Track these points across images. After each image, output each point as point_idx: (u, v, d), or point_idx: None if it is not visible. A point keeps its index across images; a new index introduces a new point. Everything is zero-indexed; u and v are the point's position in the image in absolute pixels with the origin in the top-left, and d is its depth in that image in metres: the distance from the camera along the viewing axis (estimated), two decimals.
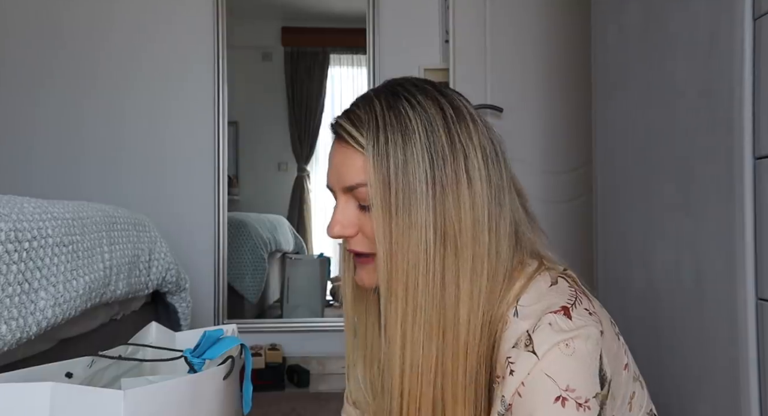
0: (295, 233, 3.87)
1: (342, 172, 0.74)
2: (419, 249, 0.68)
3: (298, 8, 4.31)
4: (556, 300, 0.67)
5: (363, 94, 0.77)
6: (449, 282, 0.68)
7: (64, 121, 2.73)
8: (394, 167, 0.69)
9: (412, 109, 0.71)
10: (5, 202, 1.07)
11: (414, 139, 0.69)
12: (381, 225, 0.69)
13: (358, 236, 0.75)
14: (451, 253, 0.68)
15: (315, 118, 4.88)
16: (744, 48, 0.95)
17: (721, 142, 1.00)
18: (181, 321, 1.80)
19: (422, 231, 0.68)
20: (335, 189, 0.76)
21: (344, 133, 0.73)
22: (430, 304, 0.68)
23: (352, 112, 0.75)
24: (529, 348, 0.64)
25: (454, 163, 0.69)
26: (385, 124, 0.70)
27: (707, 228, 1.05)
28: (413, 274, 0.68)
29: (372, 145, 0.70)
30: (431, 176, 0.68)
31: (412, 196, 0.68)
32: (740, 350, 0.95)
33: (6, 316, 0.96)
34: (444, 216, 0.68)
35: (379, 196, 0.69)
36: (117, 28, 2.76)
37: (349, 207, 0.75)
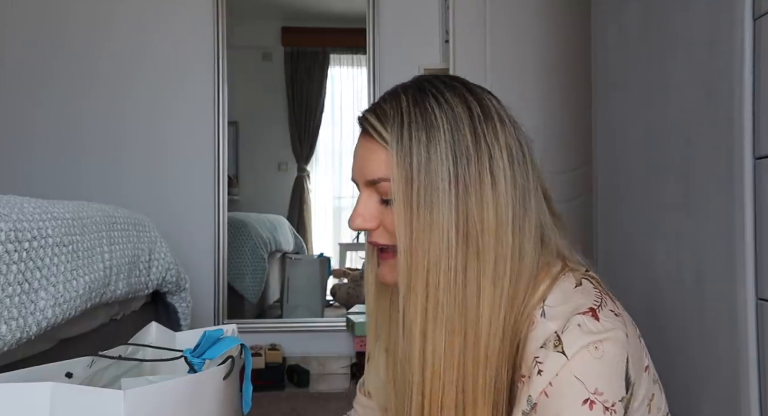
0: (295, 233, 3.87)
1: (365, 165, 0.74)
2: (441, 247, 0.68)
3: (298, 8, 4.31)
4: (583, 302, 0.67)
5: (391, 89, 0.77)
6: (471, 281, 0.68)
7: (64, 121, 2.73)
8: (417, 164, 0.69)
9: (438, 106, 0.71)
10: (5, 202, 1.07)
11: (438, 136, 0.69)
12: (402, 221, 0.69)
13: (379, 229, 0.75)
14: (473, 253, 0.68)
15: (315, 118, 4.88)
16: (744, 48, 0.95)
17: (721, 142, 1.00)
18: (181, 321, 1.80)
19: (443, 229, 0.68)
20: (358, 182, 0.77)
21: (369, 126, 0.73)
22: (452, 303, 0.68)
23: (379, 107, 0.74)
24: (558, 349, 0.64)
25: (478, 163, 0.69)
26: (410, 120, 0.70)
27: (707, 228, 1.05)
28: (434, 272, 0.68)
29: (396, 141, 0.70)
30: (454, 175, 0.68)
31: (434, 193, 0.68)
32: (740, 350, 0.95)
33: (6, 316, 0.96)
34: (467, 215, 0.68)
35: (401, 192, 0.69)
36: (117, 28, 2.76)
37: (372, 200, 0.75)
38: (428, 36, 2.81)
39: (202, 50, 2.79)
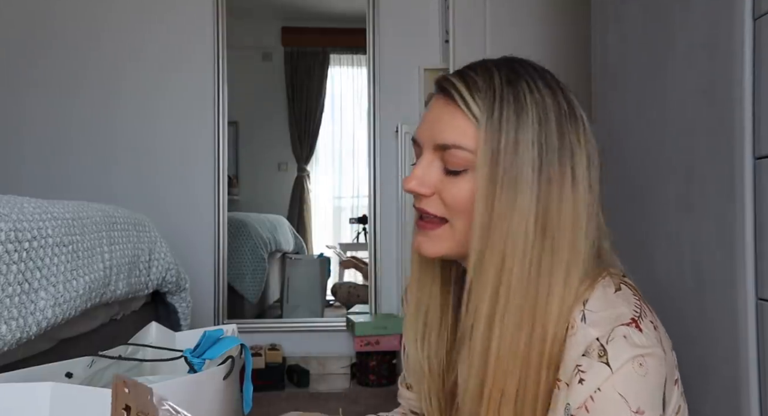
0: (295, 233, 3.87)
1: (440, 128, 0.71)
2: (518, 232, 0.66)
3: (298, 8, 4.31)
4: (625, 311, 0.65)
5: (481, 61, 0.74)
6: (544, 276, 0.66)
7: (63, 121, 2.73)
8: (505, 144, 0.67)
9: (530, 93, 0.69)
10: (5, 202, 1.07)
11: (527, 122, 0.67)
12: (483, 196, 0.67)
13: (433, 197, 0.72)
14: (548, 246, 0.67)
15: (315, 118, 4.88)
16: (744, 48, 0.95)
17: (721, 142, 1.00)
18: (181, 321, 1.80)
19: (523, 216, 0.66)
20: (424, 143, 0.73)
21: (454, 91, 0.70)
22: (523, 292, 0.66)
23: (468, 75, 0.71)
24: (603, 360, 0.62)
25: (561, 159, 0.68)
26: (503, 98, 0.68)
27: (707, 228, 1.05)
28: (510, 257, 0.66)
29: (486, 115, 0.67)
30: (538, 165, 0.67)
31: (518, 177, 0.66)
32: (740, 350, 0.95)
33: (6, 316, 0.96)
34: (547, 208, 0.66)
35: (487, 168, 0.67)
36: (117, 28, 2.76)
37: (433, 166, 0.72)
38: (428, 36, 2.81)
39: (202, 50, 2.79)
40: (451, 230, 0.71)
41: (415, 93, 2.83)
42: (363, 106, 3.44)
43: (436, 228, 0.72)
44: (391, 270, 2.83)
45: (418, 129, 0.74)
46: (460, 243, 0.71)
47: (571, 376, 0.64)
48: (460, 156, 0.69)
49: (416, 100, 2.83)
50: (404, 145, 2.77)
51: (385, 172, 2.85)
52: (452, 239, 0.71)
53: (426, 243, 0.73)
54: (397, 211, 2.83)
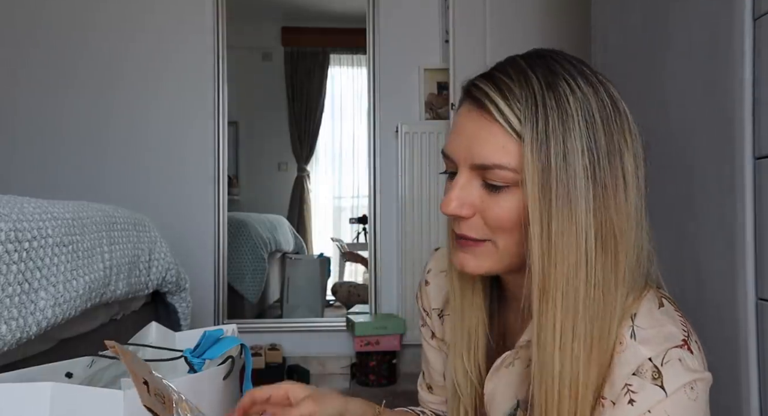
0: (295, 233, 3.87)
1: (478, 146, 0.64)
2: (580, 251, 0.62)
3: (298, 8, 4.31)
4: (674, 330, 0.63)
5: (511, 60, 0.68)
6: (609, 292, 0.62)
7: (61, 121, 2.73)
8: (555, 157, 0.61)
9: (572, 94, 0.63)
10: (5, 202, 1.07)
11: (574, 128, 0.62)
12: (538, 220, 0.62)
13: (474, 219, 0.67)
14: (610, 262, 0.62)
15: (315, 118, 4.88)
16: (744, 48, 0.95)
17: (721, 142, 1.00)
18: (181, 321, 1.80)
19: (582, 232, 0.61)
20: (459, 161, 0.67)
21: (490, 103, 0.64)
22: (592, 316, 0.62)
23: (502, 82, 0.65)
24: (658, 382, 0.60)
25: (612, 163, 0.63)
26: (545, 106, 0.62)
27: (707, 228, 1.05)
28: (573, 280, 0.62)
29: (531, 129, 0.62)
30: (591, 174, 0.62)
31: (572, 192, 0.61)
32: (740, 350, 0.95)
33: (6, 316, 0.96)
34: (605, 219, 0.62)
35: (537, 188, 0.61)
36: (117, 28, 2.76)
37: (473, 185, 0.66)
38: (428, 36, 2.81)
39: (202, 50, 2.79)
40: (494, 248, 0.67)
41: (415, 93, 2.83)
42: (363, 106, 3.43)
43: (479, 246, 0.68)
44: (391, 270, 2.83)
45: (451, 143, 0.68)
46: (503, 259, 0.68)
47: (619, 395, 0.61)
48: (502, 175, 0.64)
49: (416, 100, 2.83)
50: (404, 145, 2.77)
51: (385, 172, 2.85)
52: (496, 256, 0.67)
53: (470, 261, 0.68)
54: (397, 211, 2.83)
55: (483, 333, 0.77)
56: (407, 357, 2.72)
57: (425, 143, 2.73)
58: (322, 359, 2.78)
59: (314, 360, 2.77)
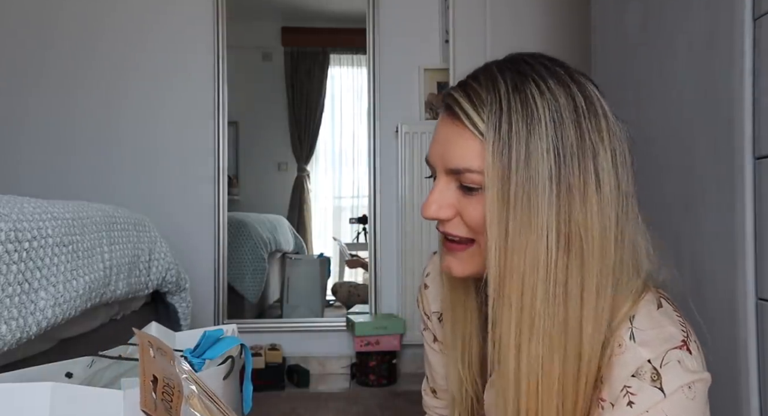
0: (295, 233, 3.87)
1: (449, 151, 0.67)
2: (538, 252, 0.62)
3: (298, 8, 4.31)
4: (673, 330, 0.63)
5: (484, 66, 0.69)
6: (572, 293, 0.62)
7: (62, 121, 2.73)
8: (516, 160, 0.62)
9: (540, 96, 0.64)
10: (5, 202, 1.07)
11: (540, 130, 0.62)
12: (495, 219, 0.63)
13: (455, 220, 0.68)
14: (575, 262, 0.62)
15: (315, 118, 4.88)
16: (744, 48, 0.95)
17: (721, 142, 1.00)
18: (181, 321, 1.80)
19: (543, 233, 0.62)
20: (436, 166, 0.69)
21: (459, 110, 0.66)
22: (551, 315, 0.62)
23: (471, 88, 0.67)
24: (657, 384, 0.60)
25: (582, 162, 0.63)
26: (510, 109, 0.63)
27: (707, 228, 1.05)
28: (531, 279, 0.62)
29: (493, 132, 0.63)
30: (556, 173, 0.62)
31: (533, 193, 0.62)
32: (740, 350, 0.95)
33: (6, 316, 0.96)
34: (569, 219, 0.62)
35: (496, 189, 0.63)
36: (116, 28, 2.76)
37: (450, 188, 0.68)
38: (428, 36, 2.81)
39: (202, 50, 2.79)
40: (478, 249, 0.68)
41: (415, 93, 2.83)
42: (363, 106, 3.44)
43: (465, 249, 0.69)
44: (392, 270, 2.83)
45: (430, 150, 0.71)
46: (484, 262, 0.67)
47: (618, 397, 0.61)
48: (472, 178, 0.65)
49: (416, 100, 2.83)
50: (404, 145, 2.77)
51: (385, 172, 2.85)
52: (479, 257, 0.68)
53: (455, 263, 0.70)
54: (397, 211, 2.83)
55: (477, 340, 0.76)
56: (407, 357, 2.72)
57: (425, 143, 2.73)
58: (322, 359, 2.78)
59: (314, 360, 2.77)
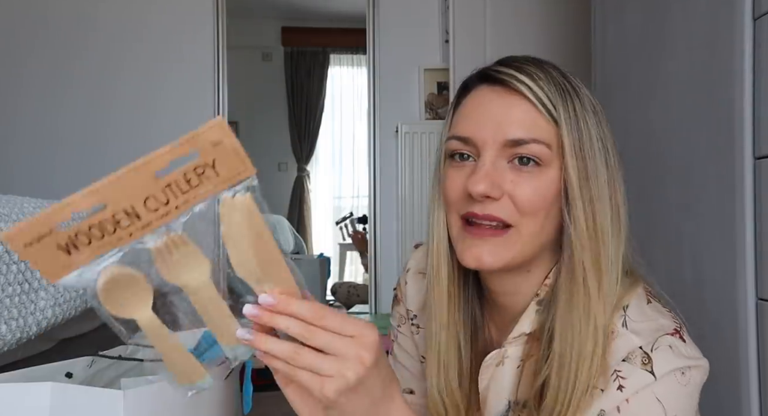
0: (295, 233, 3.87)
1: (509, 123, 0.62)
2: (613, 230, 0.63)
3: (298, 8, 4.31)
4: (666, 322, 0.63)
5: (513, 56, 0.68)
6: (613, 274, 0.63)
7: (60, 121, 2.73)
8: (587, 140, 0.62)
9: (581, 87, 0.65)
10: (5, 201, 1.07)
11: (589, 117, 0.64)
12: (579, 197, 0.62)
13: (503, 200, 0.62)
14: (617, 243, 0.64)
15: (315, 118, 4.89)
16: (744, 48, 0.95)
17: (721, 142, 1.00)
18: None
19: (610, 212, 0.63)
20: (486, 141, 0.63)
21: (519, 83, 0.63)
22: (605, 297, 0.62)
23: (523, 67, 0.64)
24: (648, 367, 0.59)
25: (611, 151, 0.64)
26: (567, 91, 0.63)
27: (707, 229, 1.05)
28: (607, 261, 0.62)
29: (564, 109, 0.62)
30: (604, 159, 0.63)
31: (599, 173, 0.63)
32: (740, 350, 0.95)
33: (6, 316, 0.96)
34: (616, 201, 0.64)
35: (577, 165, 0.62)
36: (116, 28, 2.76)
37: (500, 165, 0.63)
38: (428, 36, 2.81)
39: (202, 50, 2.79)
40: (517, 235, 0.63)
41: (415, 93, 2.83)
42: (363, 106, 3.44)
43: (501, 235, 0.63)
44: (391, 269, 2.83)
45: (470, 125, 0.64)
46: (524, 249, 0.64)
47: (609, 381, 0.60)
48: (538, 150, 0.62)
49: (416, 100, 2.83)
50: (404, 145, 2.77)
51: (385, 172, 2.85)
52: (518, 245, 0.63)
53: (488, 252, 0.63)
54: (397, 211, 2.83)
55: (455, 352, 0.71)
56: None
57: (425, 143, 2.73)
58: None
59: None
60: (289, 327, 0.50)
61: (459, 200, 0.65)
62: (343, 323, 0.50)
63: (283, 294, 0.51)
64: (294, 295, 0.50)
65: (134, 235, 0.42)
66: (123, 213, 0.41)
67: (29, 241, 0.39)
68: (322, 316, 0.49)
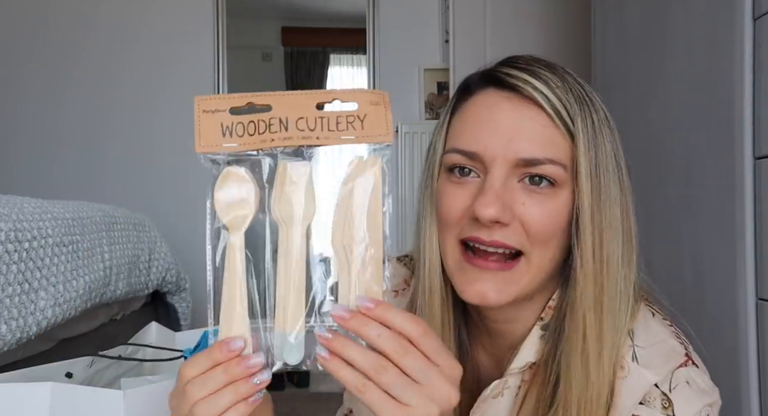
0: None
1: (523, 139, 0.55)
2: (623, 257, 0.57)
3: (298, 8, 4.31)
4: (673, 344, 0.58)
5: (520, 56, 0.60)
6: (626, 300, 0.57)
7: (60, 121, 2.73)
8: (603, 159, 0.56)
9: (596, 96, 0.58)
10: (5, 202, 1.07)
11: (605, 131, 0.57)
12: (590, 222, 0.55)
13: (513, 224, 0.55)
14: (627, 268, 0.57)
15: None
16: (744, 48, 0.95)
17: (721, 142, 1.00)
18: (181, 321, 1.80)
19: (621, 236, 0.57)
20: (495, 158, 0.55)
21: (534, 91, 0.55)
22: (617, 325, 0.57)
23: (539, 72, 0.57)
24: (669, 412, 0.54)
25: (625, 169, 0.59)
26: (584, 101, 0.56)
27: (707, 229, 1.05)
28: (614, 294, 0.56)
29: (582, 123, 0.55)
30: (618, 180, 0.58)
31: (612, 194, 0.56)
32: (740, 350, 0.95)
33: (6, 316, 0.96)
34: (628, 222, 0.58)
35: (589, 189, 0.55)
36: (116, 28, 2.76)
37: (509, 187, 0.55)
38: (428, 36, 2.81)
39: (202, 50, 2.79)
40: (526, 266, 0.56)
41: (415, 93, 2.83)
42: None
43: (509, 268, 0.56)
44: None
45: (478, 137, 0.56)
46: (533, 280, 0.57)
47: None
48: (552, 172, 0.55)
49: (416, 100, 2.83)
50: (404, 145, 2.77)
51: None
52: (527, 276, 0.57)
53: (492, 287, 0.56)
54: (397, 211, 2.82)
55: None
56: None
57: (425, 143, 2.73)
58: None
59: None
60: (380, 337, 0.42)
61: (458, 222, 0.57)
62: (438, 349, 0.43)
63: (381, 302, 0.44)
64: (378, 295, 0.45)
65: (274, 142, 0.47)
66: (278, 120, 0.47)
67: (208, 109, 0.48)
68: (424, 333, 0.43)
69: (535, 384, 0.60)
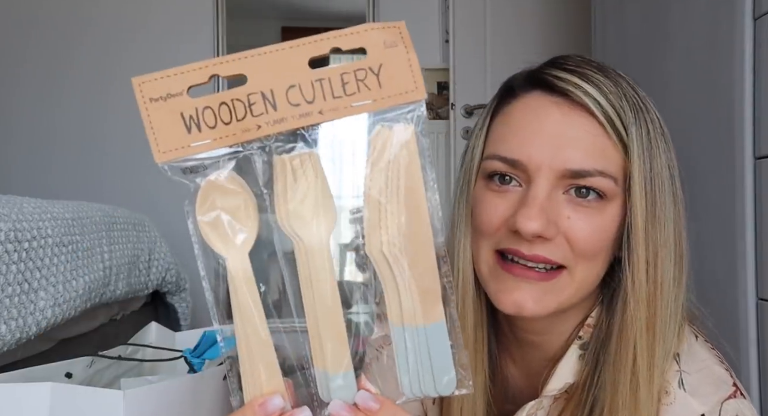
0: None
1: (572, 148, 0.51)
2: (672, 278, 0.54)
3: (298, 8, 4.31)
4: (720, 372, 0.55)
5: (571, 56, 0.57)
6: (676, 319, 0.54)
7: (57, 120, 2.73)
8: (658, 172, 0.53)
9: (650, 102, 0.55)
10: (5, 202, 1.07)
11: (660, 142, 0.54)
12: (642, 236, 0.52)
13: (558, 238, 0.52)
14: (678, 286, 0.54)
15: None
16: (744, 48, 0.95)
17: (721, 142, 1.00)
18: (181, 321, 1.80)
19: (673, 255, 0.53)
20: (541, 167, 0.52)
21: (586, 96, 0.52)
22: (667, 350, 0.54)
23: (587, 75, 0.54)
24: None
25: (679, 182, 0.55)
26: (640, 109, 0.53)
27: (707, 228, 1.05)
28: (666, 318, 0.53)
29: (637, 134, 0.52)
30: (672, 194, 0.54)
31: (667, 209, 0.53)
32: (740, 350, 0.95)
33: (6, 316, 0.96)
34: (680, 238, 0.54)
35: (645, 198, 0.52)
36: (115, 27, 2.76)
37: (554, 199, 0.52)
38: (428, 36, 2.81)
39: (202, 50, 2.79)
40: (569, 279, 0.54)
41: None
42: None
43: (551, 279, 0.53)
44: None
45: (523, 144, 0.53)
46: (576, 294, 0.55)
47: None
48: (602, 185, 0.52)
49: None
50: None
51: None
52: (569, 290, 0.54)
53: (531, 298, 0.53)
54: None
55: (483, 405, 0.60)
56: None
57: (425, 143, 2.73)
58: None
59: None
60: None
61: (496, 232, 0.54)
62: None
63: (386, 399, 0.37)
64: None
65: (262, 130, 0.31)
66: (260, 95, 0.31)
67: (157, 96, 0.30)
68: None
69: (570, 405, 0.57)
